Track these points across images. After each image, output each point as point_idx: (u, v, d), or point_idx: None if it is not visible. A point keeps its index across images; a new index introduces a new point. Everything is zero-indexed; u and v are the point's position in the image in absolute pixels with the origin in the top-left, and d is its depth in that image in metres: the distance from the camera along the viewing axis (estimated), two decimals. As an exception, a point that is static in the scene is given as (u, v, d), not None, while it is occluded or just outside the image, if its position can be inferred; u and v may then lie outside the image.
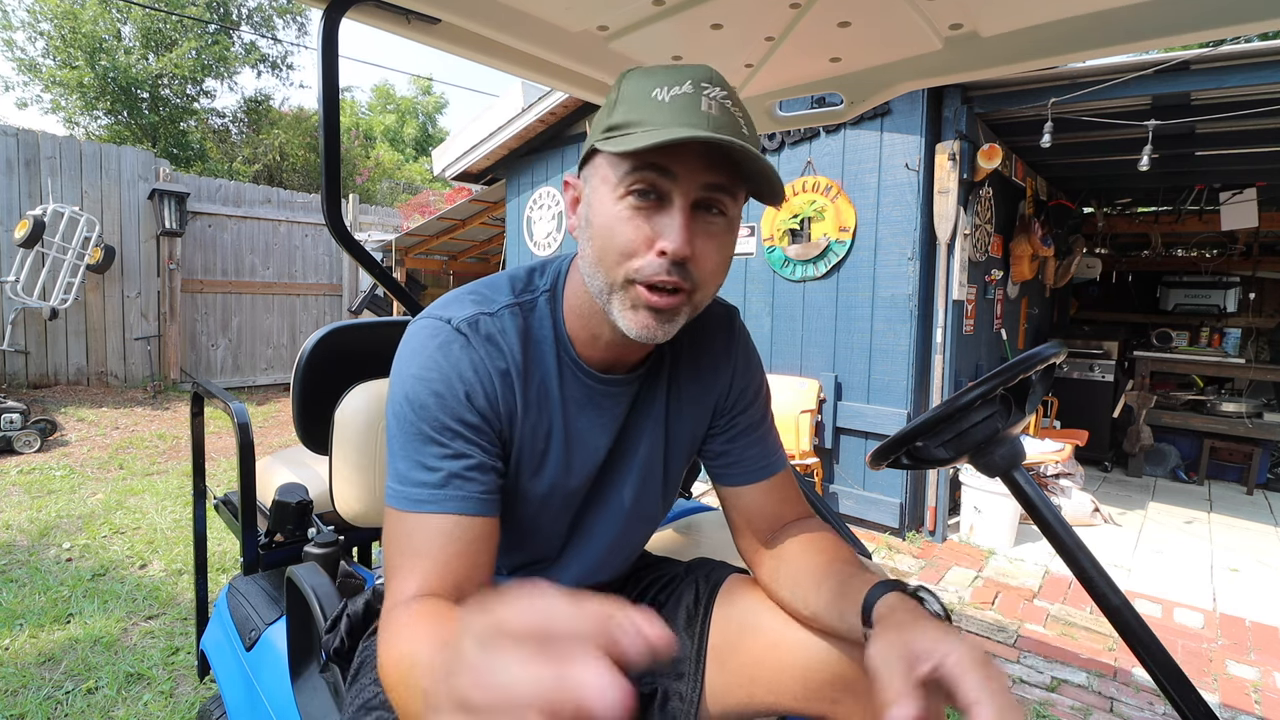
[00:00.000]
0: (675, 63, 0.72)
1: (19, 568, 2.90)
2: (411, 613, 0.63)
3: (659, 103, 0.68)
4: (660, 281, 0.69)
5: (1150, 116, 3.10)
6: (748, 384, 0.94)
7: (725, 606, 0.90)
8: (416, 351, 0.75)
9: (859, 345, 3.58)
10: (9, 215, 5.82)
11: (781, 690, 0.80)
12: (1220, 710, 2.17)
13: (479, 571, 0.72)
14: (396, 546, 0.72)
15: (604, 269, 0.71)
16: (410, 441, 0.73)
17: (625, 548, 0.95)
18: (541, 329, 0.81)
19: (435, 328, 0.76)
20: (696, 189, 0.69)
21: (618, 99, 0.71)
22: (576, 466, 0.85)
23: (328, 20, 1.18)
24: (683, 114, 0.67)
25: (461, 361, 0.74)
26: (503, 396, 0.77)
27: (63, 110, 12.41)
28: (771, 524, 0.92)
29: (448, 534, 0.71)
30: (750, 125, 0.72)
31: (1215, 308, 5.28)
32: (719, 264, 0.73)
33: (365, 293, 7.75)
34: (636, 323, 0.71)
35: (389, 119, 21.49)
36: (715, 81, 0.70)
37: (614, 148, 0.67)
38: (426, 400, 0.73)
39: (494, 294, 0.81)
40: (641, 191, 0.68)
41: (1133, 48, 1.12)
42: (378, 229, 8.88)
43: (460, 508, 0.71)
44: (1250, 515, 4.11)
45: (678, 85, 0.68)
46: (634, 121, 0.68)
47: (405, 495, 0.72)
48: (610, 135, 0.69)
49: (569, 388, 0.82)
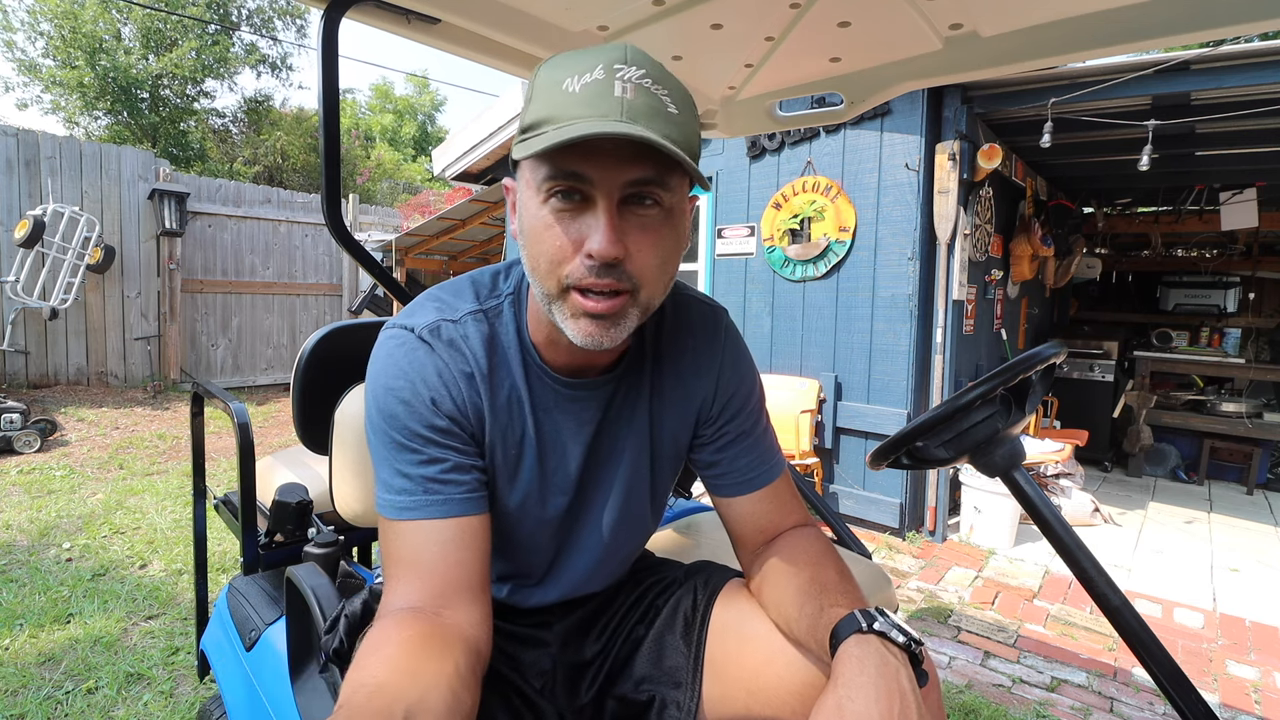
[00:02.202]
0: (596, 46, 0.67)
1: (19, 568, 2.90)
2: (381, 629, 0.65)
3: (569, 94, 0.62)
4: (592, 285, 0.65)
5: (1150, 116, 3.10)
6: (736, 388, 0.90)
7: (723, 614, 0.89)
8: (384, 362, 0.76)
9: (859, 345, 3.58)
10: (9, 215, 5.82)
11: (779, 704, 0.80)
12: (1220, 710, 2.17)
13: (465, 570, 0.72)
14: (387, 553, 0.74)
15: (539, 277, 0.69)
16: (387, 450, 0.74)
17: (615, 557, 0.94)
18: (506, 334, 0.80)
19: (400, 337, 0.76)
20: (619, 186, 0.64)
21: (532, 94, 0.66)
22: (552, 472, 0.84)
23: (328, 20, 1.19)
24: (593, 103, 0.61)
25: (426, 368, 0.74)
26: (470, 400, 0.76)
27: (63, 110, 12.42)
28: (765, 534, 0.90)
29: (429, 539, 0.72)
30: (680, 101, 0.66)
31: (1215, 308, 5.28)
32: (661, 258, 0.68)
33: (365, 293, 7.75)
34: (580, 330, 0.68)
35: (386, 119, 21.50)
36: (633, 60, 0.64)
37: (523, 152, 0.63)
38: (395, 409, 0.73)
39: (457, 300, 0.80)
40: (563, 193, 0.64)
41: (1133, 48, 1.12)
42: (378, 229, 8.88)
43: (440, 511, 0.72)
44: (1250, 515, 4.11)
45: (588, 72, 0.63)
46: (545, 119, 0.63)
47: (390, 503, 0.73)
48: (525, 136, 0.65)
49: (538, 393, 0.81)
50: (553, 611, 0.96)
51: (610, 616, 0.99)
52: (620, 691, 0.93)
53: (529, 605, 0.92)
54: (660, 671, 0.90)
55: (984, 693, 2.21)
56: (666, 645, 0.91)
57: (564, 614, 0.96)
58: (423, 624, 0.65)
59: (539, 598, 0.92)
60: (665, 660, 0.90)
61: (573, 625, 0.97)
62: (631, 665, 0.94)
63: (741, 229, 4.01)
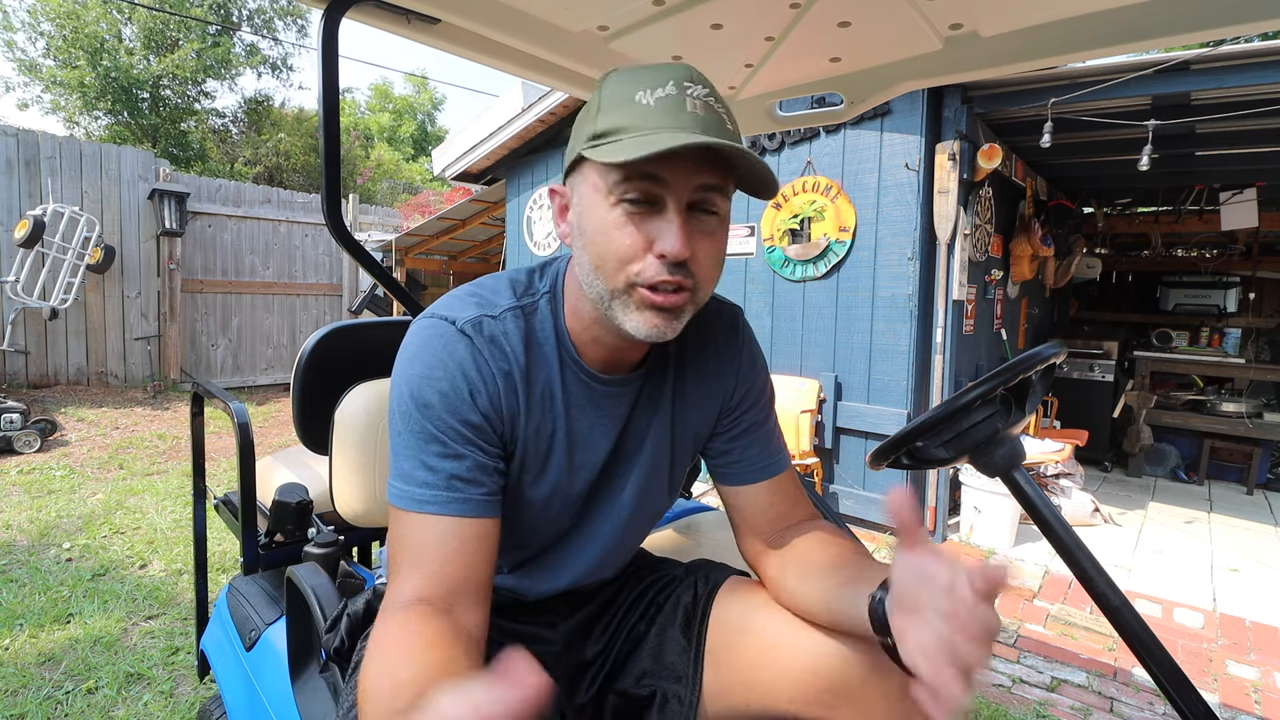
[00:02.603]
0: (656, 64, 0.72)
1: (19, 568, 2.90)
2: (399, 623, 0.65)
3: (644, 106, 0.68)
4: (662, 282, 0.70)
5: (1150, 116, 3.10)
6: (752, 383, 0.94)
7: (723, 609, 0.90)
8: (421, 351, 0.76)
9: (859, 345, 3.58)
10: (9, 215, 5.82)
11: (779, 695, 0.80)
12: (1220, 710, 2.17)
13: (476, 572, 0.72)
14: (399, 544, 0.73)
15: (603, 276, 0.72)
16: (414, 440, 0.74)
17: (626, 544, 0.96)
18: (544, 331, 0.81)
19: (439, 328, 0.76)
20: (689, 192, 0.69)
21: (600, 104, 0.71)
22: (579, 467, 0.85)
23: (328, 20, 1.19)
24: (669, 116, 0.67)
25: (466, 362, 0.75)
26: (505, 398, 0.77)
27: (63, 111, 12.43)
28: (774, 524, 0.91)
29: (447, 535, 0.71)
30: (732, 119, 0.73)
31: (1215, 308, 5.28)
32: (715, 260, 0.74)
33: (365, 293, 7.75)
34: (645, 323, 0.72)
35: (384, 118, 21.49)
36: (696, 79, 0.70)
37: (605, 157, 0.67)
38: (431, 399, 0.73)
39: (495, 296, 0.81)
40: (635, 199, 0.69)
41: (1133, 48, 1.12)
42: (378, 229, 8.88)
43: (461, 510, 0.72)
44: (1250, 515, 4.11)
45: (660, 87, 0.68)
46: (621, 127, 0.68)
47: (408, 494, 0.73)
48: (598, 143, 0.69)
49: (571, 389, 0.82)
50: (558, 607, 0.96)
51: (612, 615, 1.00)
52: (621, 687, 0.94)
53: (538, 593, 0.93)
54: (661, 666, 0.91)
55: (984, 692, 2.21)
56: (667, 640, 0.92)
57: (569, 612, 0.97)
58: (441, 620, 0.65)
59: (549, 584, 0.92)
60: (666, 655, 0.91)
61: (576, 625, 0.97)
62: (633, 661, 0.95)
63: (742, 229, 4.01)
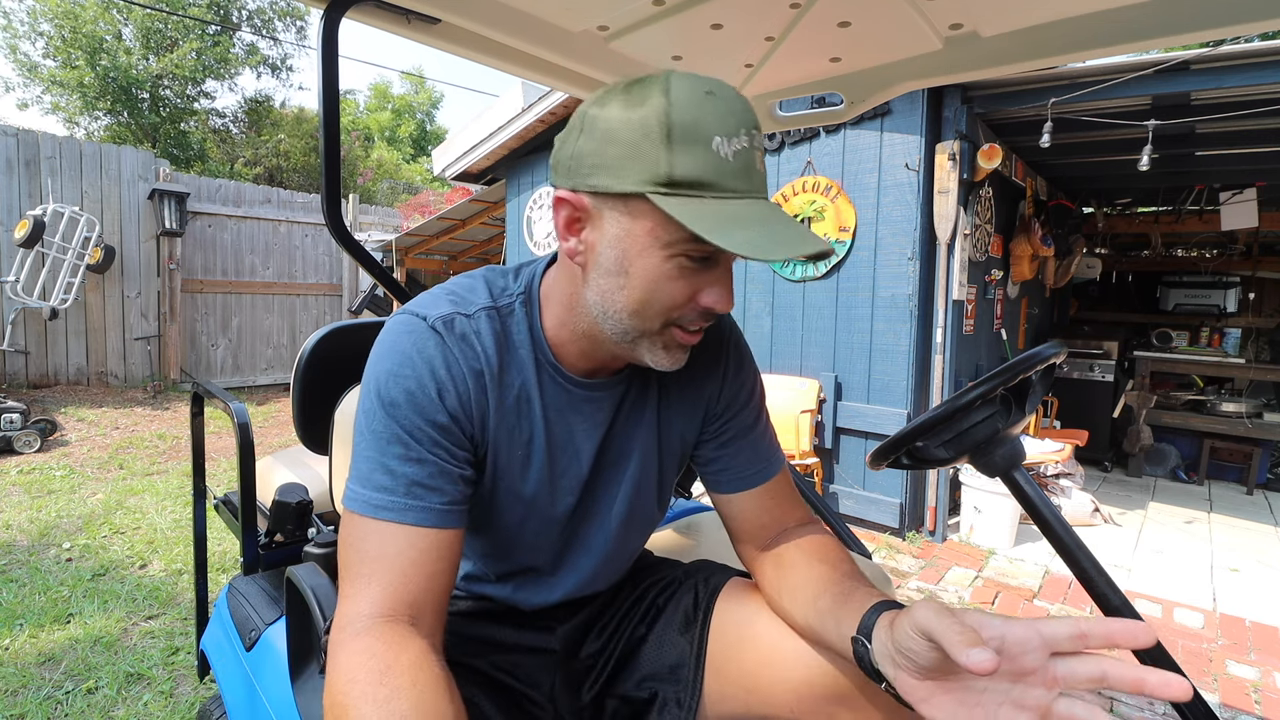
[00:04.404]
0: (718, 87, 0.67)
1: (19, 568, 2.90)
2: (362, 645, 0.62)
3: (723, 160, 0.64)
4: (700, 326, 0.74)
5: (1150, 116, 3.10)
6: (740, 387, 0.92)
7: (724, 612, 0.89)
8: (390, 348, 0.74)
9: (859, 345, 3.58)
10: (9, 215, 5.82)
11: (778, 701, 0.80)
12: (1220, 710, 2.17)
13: (436, 583, 0.70)
14: (353, 551, 0.70)
15: (643, 317, 0.71)
16: (376, 441, 0.72)
17: (621, 555, 0.94)
18: (519, 334, 0.79)
19: (411, 324, 0.75)
20: None
21: (672, 133, 0.63)
22: (562, 473, 0.83)
23: (328, 20, 1.18)
24: (743, 178, 0.66)
25: (435, 359, 0.73)
26: (475, 397, 0.75)
27: (63, 111, 12.42)
28: (768, 530, 0.90)
29: (405, 545, 0.69)
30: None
31: (1215, 308, 5.28)
32: None
33: (365, 293, 7.75)
34: (671, 359, 0.75)
35: (384, 117, 21.49)
36: (753, 119, 0.68)
37: (691, 223, 0.62)
38: (397, 397, 0.71)
39: (471, 295, 0.79)
40: (697, 257, 0.69)
41: (1133, 48, 1.12)
42: (378, 229, 8.88)
43: (420, 519, 0.70)
44: (1250, 515, 4.11)
45: (734, 136, 0.65)
46: (703, 183, 0.64)
47: (365, 499, 0.70)
48: (674, 193, 0.64)
49: (549, 393, 0.81)
50: (556, 613, 0.95)
51: (611, 617, 0.99)
52: (621, 690, 0.93)
53: (533, 604, 0.92)
54: (662, 668, 0.90)
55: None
56: (668, 643, 0.91)
57: (567, 616, 0.96)
58: (392, 640, 0.63)
59: (544, 596, 0.91)
60: (666, 657, 0.90)
61: (575, 628, 0.96)
62: (633, 664, 0.94)
63: (741, 229, 4.01)
